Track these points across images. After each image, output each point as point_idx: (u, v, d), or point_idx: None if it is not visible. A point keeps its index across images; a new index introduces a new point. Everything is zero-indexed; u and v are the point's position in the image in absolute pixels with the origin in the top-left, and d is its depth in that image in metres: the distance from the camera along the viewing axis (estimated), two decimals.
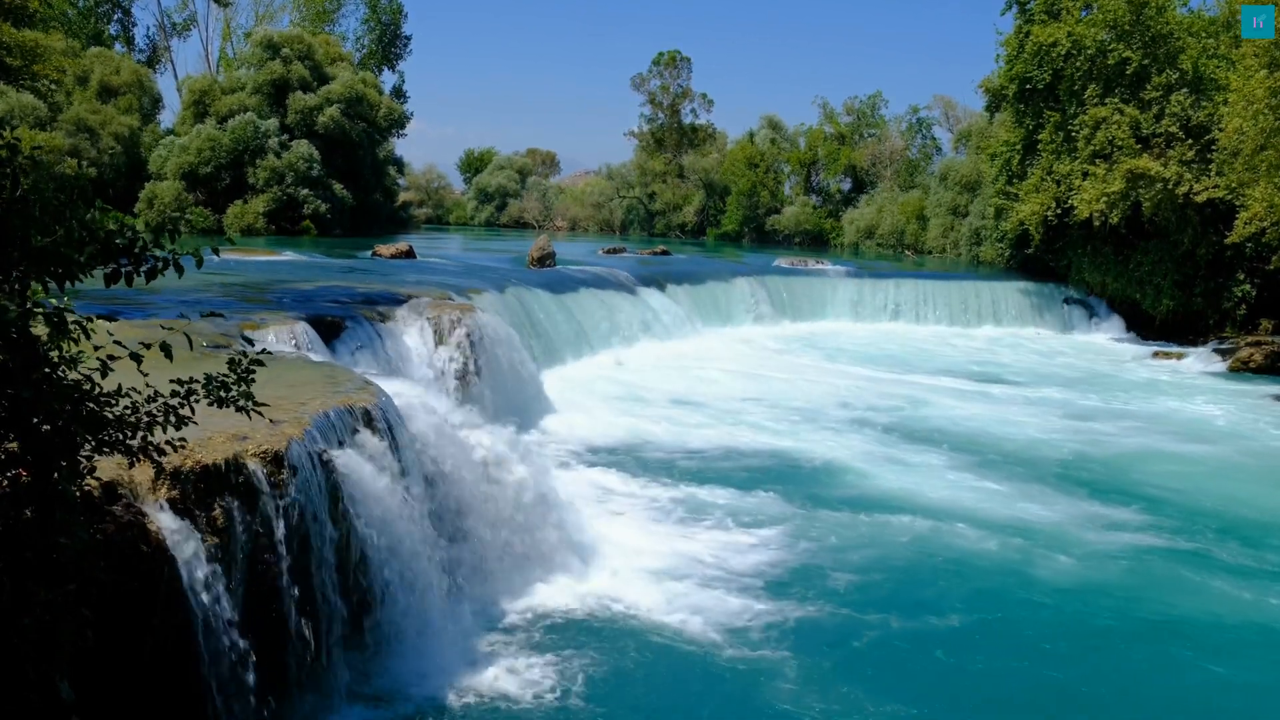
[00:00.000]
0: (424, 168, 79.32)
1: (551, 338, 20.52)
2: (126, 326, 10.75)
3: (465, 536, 9.00)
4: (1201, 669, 8.50)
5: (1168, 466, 14.94)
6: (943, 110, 60.33)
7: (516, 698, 7.39)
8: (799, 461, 14.34)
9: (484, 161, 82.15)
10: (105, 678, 5.21)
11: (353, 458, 7.49)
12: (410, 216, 59.66)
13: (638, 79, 68.70)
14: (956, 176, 46.87)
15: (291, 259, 26.73)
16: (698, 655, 8.19)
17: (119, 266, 4.17)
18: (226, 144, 43.30)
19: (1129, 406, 19.68)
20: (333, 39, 53.64)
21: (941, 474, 13.97)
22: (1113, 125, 29.07)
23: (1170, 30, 29.24)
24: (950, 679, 8.16)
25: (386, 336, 14.14)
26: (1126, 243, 30.62)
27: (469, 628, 8.23)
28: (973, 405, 19.01)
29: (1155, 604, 9.72)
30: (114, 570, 4.97)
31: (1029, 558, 10.71)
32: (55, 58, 32.41)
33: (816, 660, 8.16)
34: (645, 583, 9.47)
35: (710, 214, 65.51)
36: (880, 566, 10.34)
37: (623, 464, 13.67)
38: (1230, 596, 9.92)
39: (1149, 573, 10.47)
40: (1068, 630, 9.13)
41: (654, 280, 27.46)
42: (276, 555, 6.50)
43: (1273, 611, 9.61)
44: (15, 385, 3.96)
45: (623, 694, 7.58)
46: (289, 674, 6.63)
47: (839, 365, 23.36)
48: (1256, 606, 9.70)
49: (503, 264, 30.01)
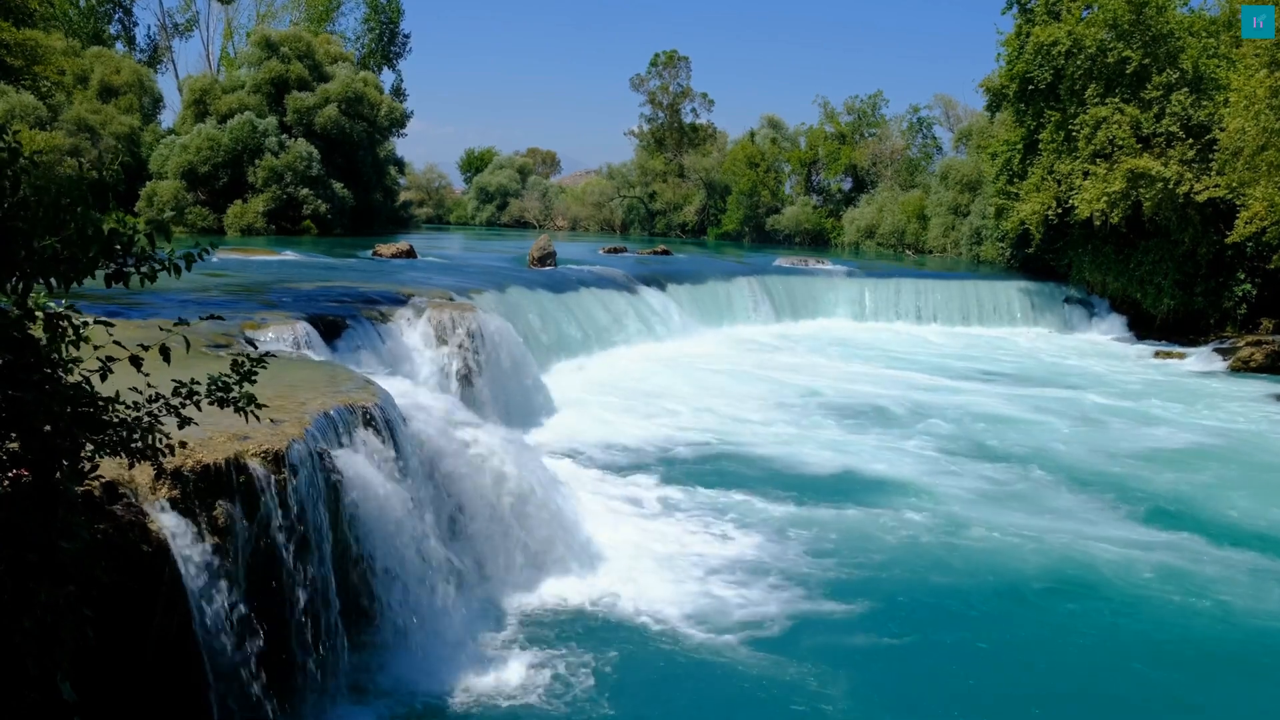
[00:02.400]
0: (424, 167, 79.51)
1: (552, 337, 20.52)
2: (127, 327, 10.77)
3: (466, 536, 9.01)
4: (1207, 673, 8.50)
5: (1168, 466, 14.92)
6: (943, 109, 60.42)
7: (518, 697, 7.39)
8: (801, 461, 14.33)
9: (484, 161, 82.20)
10: (107, 677, 5.21)
11: (353, 457, 7.50)
12: (411, 216, 59.62)
13: (637, 79, 68.81)
14: (957, 176, 46.89)
15: (292, 259, 26.73)
16: (700, 654, 8.19)
17: (120, 267, 4.17)
18: (225, 143, 43.27)
19: (1130, 406, 19.67)
20: (332, 38, 53.60)
21: (942, 472, 13.96)
22: (1113, 125, 29.06)
23: (1171, 30, 29.24)
24: (953, 678, 8.17)
25: (387, 336, 14.15)
26: (1127, 242, 30.62)
27: (470, 626, 8.23)
28: (974, 405, 19.00)
29: (1147, 605, 9.72)
30: (115, 570, 4.97)
31: (1029, 557, 10.73)
32: (55, 58, 32.41)
33: (819, 660, 8.15)
34: (647, 582, 9.47)
35: (711, 213, 65.55)
36: (883, 566, 10.34)
37: (624, 463, 13.68)
38: (1231, 597, 9.92)
39: (1146, 571, 10.46)
40: (1055, 630, 9.14)
41: (655, 280, 27.47)
42: (277, 554, 6.50)
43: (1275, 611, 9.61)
44: (16, 386, 3.97)
45: (625, 693, 7.58)
46: (290, 673, 6.63)
47: (840, 365, 23.35)
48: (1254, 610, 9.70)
49: (503, 263, 30.01)
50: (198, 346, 8.96)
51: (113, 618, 5.01)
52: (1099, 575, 10.29)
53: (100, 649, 4.53)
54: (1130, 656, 8.64)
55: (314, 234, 43.17)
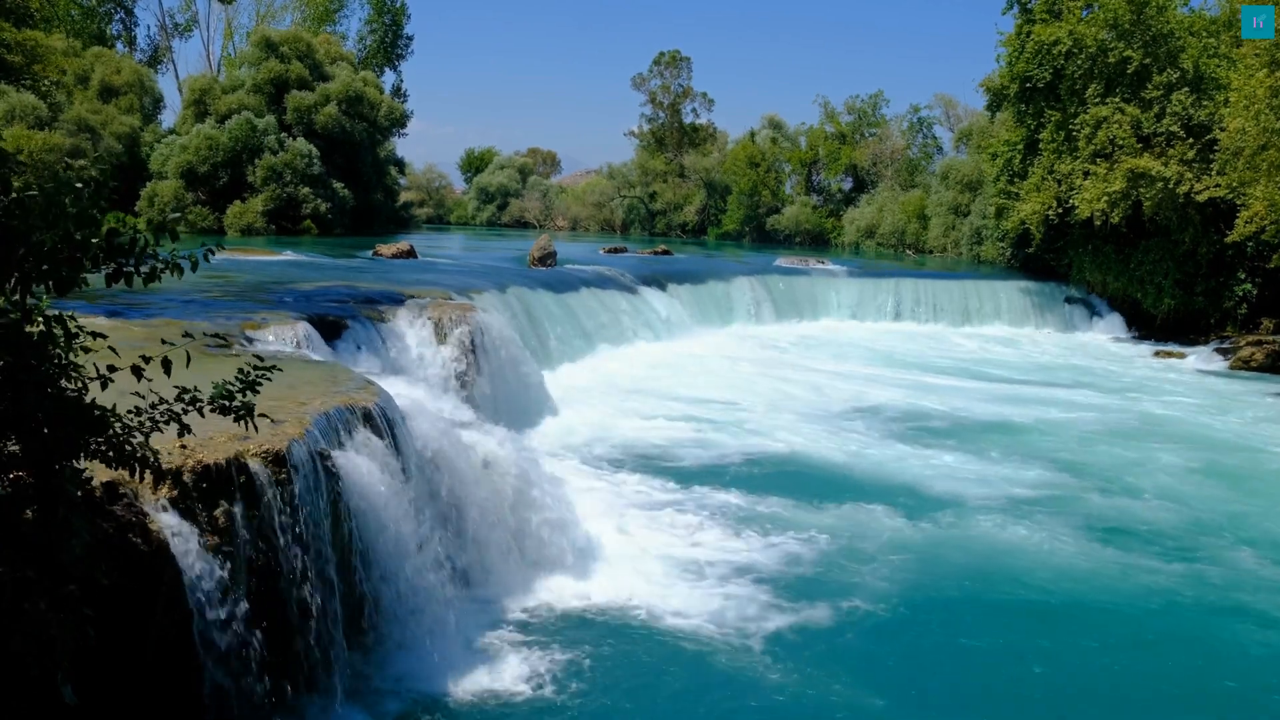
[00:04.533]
0: (425, 167, 79.52)
1: (553, 337, 20.52)
2: (128, 327, 10.78)
3: (465, 535, 9.01)
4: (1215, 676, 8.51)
5: (1169, 466, 14.92)
6: (944, 109, 60.44)
7: (518, 697, 7.40)
8: (803, 461, 14.34)
9: (485, 161, 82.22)
10: (107, 677, 5.22)
11: (354, 457, 7.50)
12: (411, 216, 59.65)
13: (638, 79, 68.85)
14: (957, 176, 46.88)
15: (292, 259, 26.73)
16: (699, 654, 8.18)
17: (120, 267, 4.18)
18: (225, 143, 43.27)
19: (1130, 405, 19.67)
20: (333, 38, 53.63)
21: (942, 471, 13.97)
22: (1114, 124, 29.06)
23: (1171, 29, 29.24)
24: (957, 677, 8.17)
25: (387, 336, 14.16)
26: (1127, 242, 30.61)
27: (470, 626, 8.24)
28: (974, 405, 19.01)
29: (1145, 603, 9.73)
30: (115, 570, 4.98)
31: (1029, 555, 10.73)
32: (56, 58, 32.38)
33: (819, 660, 8.15)
34: (646, 581, 9.48)
35: (711, 213, 65.57)
36: (885, 565, 10.33)
37: (624, 463, 13.68)
38: (1230, 598, 9.92)
39: (1143, 571, 10.47)
40: (1056, 624, 9.15)
41: (655, 280, 27.47)
42: (277, 555, 6.51)
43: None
44: (17, 387, 3.97)
45: (624, 693, 7.58)
46: (290, 673, 6.64)
47: (840, 365, 23.34)
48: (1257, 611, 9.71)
49: (504, 263, 30.01)
50: (198, 347, 8.96)
51: (113, 618, 5.02)
52: (1091, 572, 10.30)
53: (100, 649, 4.53)
54: (1121, 651, 8.65)
55: (314, 234, 43.17)
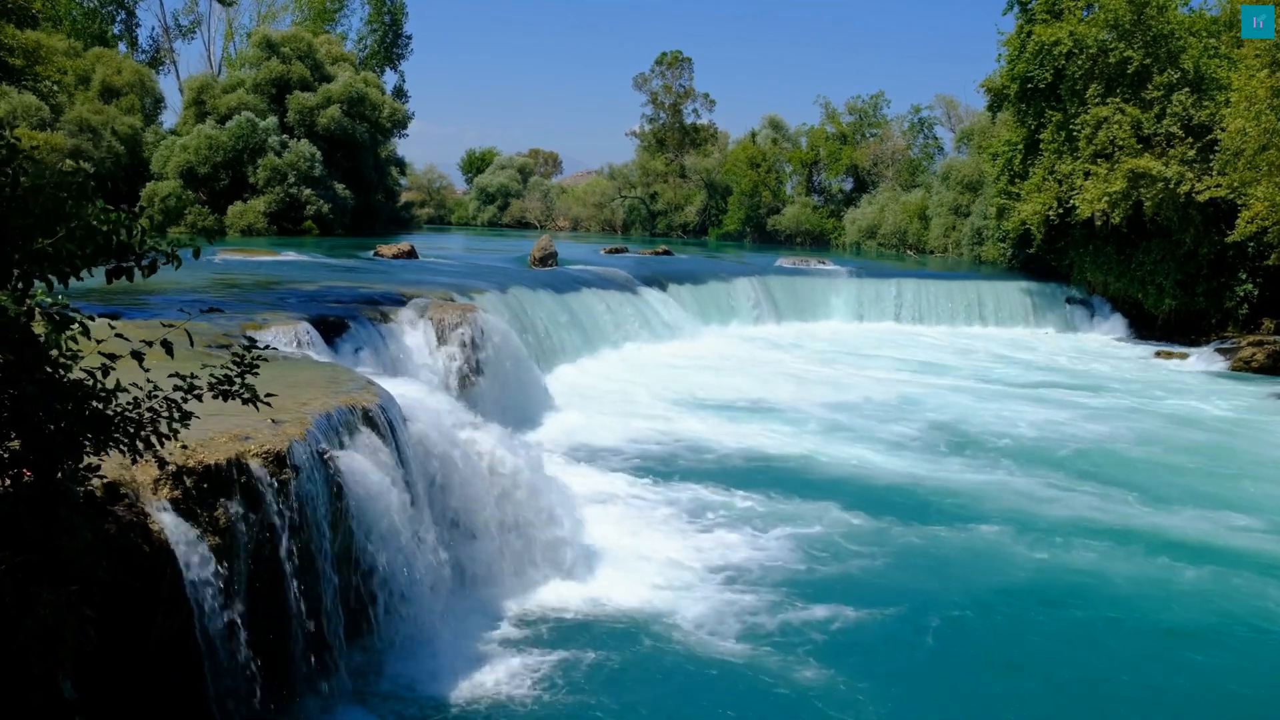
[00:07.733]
0: (425, 168, 79.37)
1: (553, 338, 20.51)
2: (128, 326, 10.77)
3: (467, 536, 9.00)
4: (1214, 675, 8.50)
5: (1170, 466, 14.92)
6: (945, 110, 60.41)
7: (518, 698, 7.39)
8: (802, 462, 14.33)
9: (485, 161, 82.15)
10: (108, 677, 5.21)
11: (354, 458, 7.49)
12: (412, 216, 59.59)
13: (639, 79, 68.86)
14: (958, 176, 46.86)
15: (293, 259, 26.72)
16: (700, 655, 8.18)
17: (120, 263, 4.17)
18: (225, 143, 43.23)
19: (1131, 406, 19.66)
20: (333, 39, 53.59)
21: (942, 470, 13.96)
22: (1114, 125, 29.05)
23: (1171, 30, 29.23)
24: (954, 675, 8.16)
25: (388, 336, 14.15)
26: (1128, 242, 30.60)
27: (471, 628, 8.23)
28: (975, 405, 19.00)
29: (1147, 601, 9.72)
30: (116, 570, 4.97)
31: (1029, 555, 10.72)
32: (57, 58, 32.38)
33: (820, 661, 8.14)
34: (648, 583, 9.47)
35: (712, 214, 65.56)
36: (886, 566, 10.33)
37: (625, 464, 13.67)
38: (1230, 597, 9.91)
39: (1140, 571, 10.46)
40: (1059, 626, 9.14)
41: (656, 280, 27.46)
42: (278, 555, 6.50)
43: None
44: (18, 384, 3.96)
45: (625, 694, 7.57)
46: (291, 674, 6.63)
47: (840, 365, 23.34)
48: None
49: (504, 264, 30.00)
50: (199, 347, 8.97)
51: (114, 618, 5.01)
52: (1090, 570, 10.28)
53: (102, 649, 4.53)
54: (1122, 652, 8.64)
55: (315, 234, 43.16)
